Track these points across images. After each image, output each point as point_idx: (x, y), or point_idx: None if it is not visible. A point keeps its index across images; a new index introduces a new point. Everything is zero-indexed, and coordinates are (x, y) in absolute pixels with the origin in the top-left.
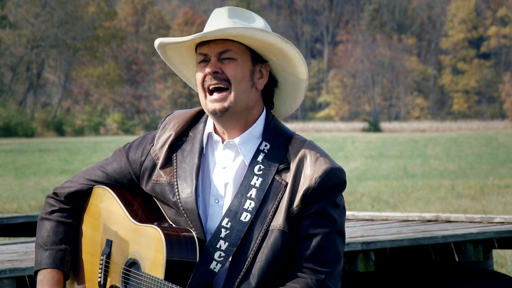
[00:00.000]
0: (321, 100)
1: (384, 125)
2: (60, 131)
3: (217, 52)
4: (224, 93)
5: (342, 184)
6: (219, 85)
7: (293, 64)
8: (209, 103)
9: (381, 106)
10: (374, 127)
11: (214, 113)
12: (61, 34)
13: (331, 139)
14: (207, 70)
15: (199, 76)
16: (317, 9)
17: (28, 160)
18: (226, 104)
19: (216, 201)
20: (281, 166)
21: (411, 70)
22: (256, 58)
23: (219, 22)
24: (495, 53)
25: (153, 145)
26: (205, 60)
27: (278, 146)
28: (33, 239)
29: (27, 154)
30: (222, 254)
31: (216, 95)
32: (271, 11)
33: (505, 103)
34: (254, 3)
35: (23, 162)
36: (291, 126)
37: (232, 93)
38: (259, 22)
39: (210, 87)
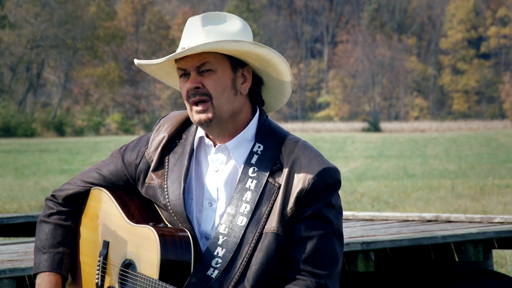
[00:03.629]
0: (321, 100)
1: (384, 125)
2: (60, 131)
3: (195, 66)
4: (207, 104)
5: (336, 184)
6: (201, 99)
7: (273, 64)
8: (195, 114)
9: (381, 106)
10: (374, 127)
11: (200, 123)
12: (61, 34)
13: (331, 139)
14: (188, 86)
15: (183, 91)
16: (317, 9)
17: (28, 160)
18: (210, 114)
19: (210, 205)
20: (274, 167)
21: (411, 70)
22: (236, 64)
23: (193, 34)
24: (495, 53)
25: (147, 147)
26: (185, 74)
27: (272, 147)
28: (33, 239)
29: (27, 154)
30: (220, 260)
31: (200, 107)
32: (271, 11)
33: (505, 103)
34: (254, 3)
35: (23, 162)
36: (291, 126)
37: (215, 105)
38: (235, 24)
39: (194, 102)
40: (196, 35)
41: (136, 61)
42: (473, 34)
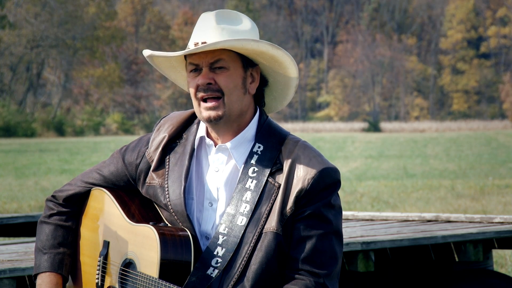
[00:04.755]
0: (321, 100)
1: (384, 125)
2: (60, 131)
3: (209, 62)
4: (218, 101)
5: (336, 184)
6: (212, 96)
7: (284, 66)
8: (204, 110)
9: (381, 106)
10: (374, 127)
11: (209, 120)
12: (61, 34)
13: (330, 139)
14: (200, 81)
15: (192, 86)
16: (317, 9)
17: (28, 160)
18: (220, 112)
19: (210, 205)
20: (274, 167)
21: (411, 70)
22: (247, 63)
23: (207, 30)
24: (495, 53)
25: (148, 147)
26: (196, 70)
27: (272, 147)
28: (33, 239)
29: (27, 154)
30: (220, 260)
31: (210, 103)
32: (271, 11)
33: (505, 103)
34: (254, 3)
35: (23, 162)
36: (291, 126)
37: (226, 102)
38: (246, 24)
39: (204, 98)
40: (210, 31)
41: (147, 51)
42: (473, 34)
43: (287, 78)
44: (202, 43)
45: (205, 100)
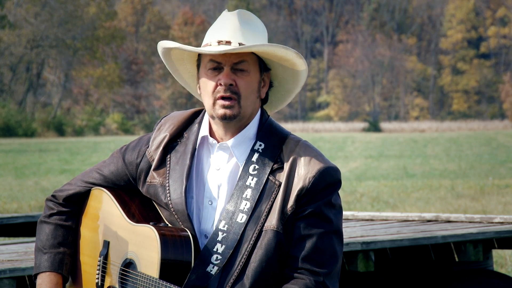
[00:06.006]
0: (320, 100)
1: (384, 125)
2: (60, 131)
3: (232, 62)
4: (235, 102)
5: (336, 184)
6: (231, 96)
7: (298, 74)
8: (220, 108)
9: (381, 106)
10: (374, 127)
11: (224, 118)
12: (61, 34)
13: (330, 139)
14: (223, 81)
15: (211, 84)
16: (317, 9)
17: (28, 160)
18: (235, 111)
19: (210, 203)
20: (275, 166)
21: (411, 70)
22: (263, 68)
23: (230, 29)
24: (494, 53)
25: (148, 146)
26: (217, 68)
27: (273, 146)
28: (33, 239)
29: (27, 154)
30: (219, 257)
31: (227, 102)
32: (271, 11)
33: (505, 103)
34: (254, 3)
35: (23, 162)
36: (291, 126)
37: (242, 105)
38: (261, 26)
39: (223, 97)
40: (235, 31)
41: (173, 43)
42: (473, 34)
43: (294, 85)
44: (226, 42)
45: (222, 98)
